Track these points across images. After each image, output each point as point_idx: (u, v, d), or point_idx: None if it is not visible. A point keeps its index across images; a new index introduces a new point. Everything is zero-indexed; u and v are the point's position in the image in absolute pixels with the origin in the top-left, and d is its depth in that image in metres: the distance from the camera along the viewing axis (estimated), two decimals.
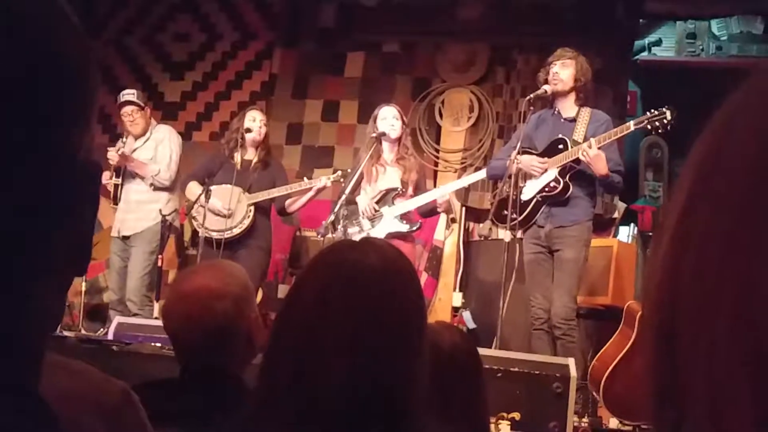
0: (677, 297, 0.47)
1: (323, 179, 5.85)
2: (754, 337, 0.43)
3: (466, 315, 6.59)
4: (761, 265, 0.43)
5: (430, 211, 5.72)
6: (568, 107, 5.04)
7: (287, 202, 6.01)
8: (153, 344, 4.30)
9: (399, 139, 5.61)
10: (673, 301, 0.48)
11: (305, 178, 6.06)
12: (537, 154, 4.99)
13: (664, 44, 8.70)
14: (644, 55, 8.59)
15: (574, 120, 4.99)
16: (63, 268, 0.68)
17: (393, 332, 1.41)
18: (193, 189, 6.06)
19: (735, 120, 0.48)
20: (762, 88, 0.48)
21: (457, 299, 6.90)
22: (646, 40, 8.60)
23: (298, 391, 1.37)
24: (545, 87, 5.00)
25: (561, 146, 4.90)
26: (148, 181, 6.30)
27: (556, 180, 4.88)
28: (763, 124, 0.46)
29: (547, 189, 4.90)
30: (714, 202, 0.47)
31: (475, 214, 7.11)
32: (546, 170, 4.92)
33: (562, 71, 4.98)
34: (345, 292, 1.41)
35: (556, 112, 5.08)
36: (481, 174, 5.78)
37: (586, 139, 4.80)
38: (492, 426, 3.67)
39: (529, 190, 4.97)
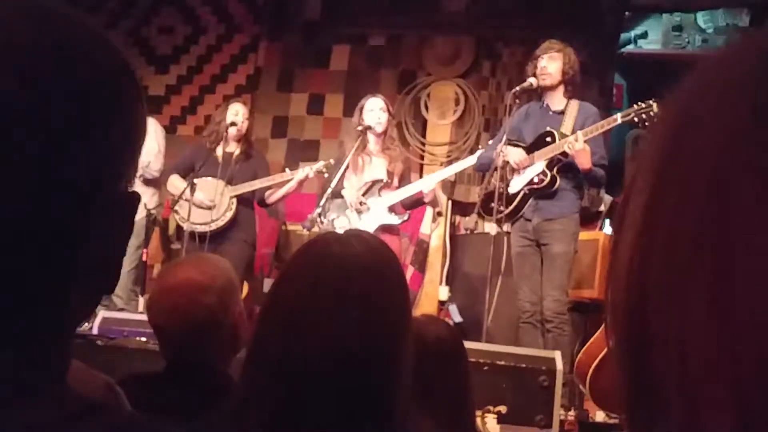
0: (646, 295, 0.46)
1: (305, 169, 5.83)
2: (732, 330, 0.42)
3: (452, 308, 6.58)
4: (735, 253, 0.42)
5: (414, 203, 5.70)
6: (556, 100, 5.03)
7: (267, 192, 5.98)
8: (138, 339, 4.28)
9: (384, 132, 5.60)
10: (641, 300, 0.46)
11: (287, 170, 6.04)
12: (525, 147, 4.98)
13: (650, 37, 8.70)
14: (630, 47, 8.58)
15: (562, 113, 4.98)
16: (93, 288, 0.73)
17: (378, 324, 1.40)
18: (175, 182, 6.04)
19: (695, 106, 0.47)
20: (724, 68, 0.47)
21: (444, 293, 6.90)
22: (632, 33, 8.59)
23: (282, 385, 1.36)
24: (531, 80, 4.99)
25: (549, 139, 4.89)
26: (138, 173, 6.26)
27: (543, 173, 4.87)
28: (724, 108, 0.45)
29: (534, 182, 4.90)
30: (680, 189, 0.45)
31: (461, 208, 7.10)
32: (526, 167, 4.92)
33: (550, 65, 4.96)
34: (330, 284, 1.40)
35: (544, 105, 5.07)
36: (471, 160, 5.73)
37: (574, 131, 4.79)
38: (478, 419, 3.66)
39: (517, 183, 4.97)
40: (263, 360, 1.42)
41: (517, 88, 5.03)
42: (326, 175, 5.69)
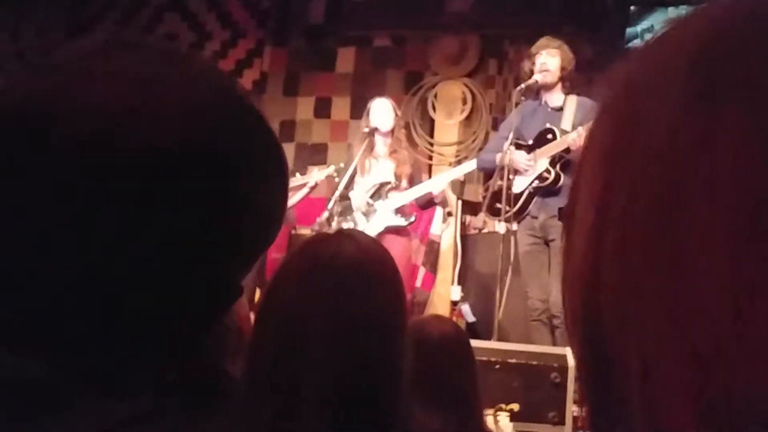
0: (600, 303, 0.44)
1: (315, 174, 5.83)
2: (689, 333, 0.40)
3: (465, 308, 6.55)
4: (690, 255, 0.40)
5: (428, 203, 5.71)
6: (555, 97, 5.04)
7: None
8: None
9: (391, 132, 5.60)
10: (596, 307, 0.45)
11: (297, 174, 6.04)
12: (526, 146, 4.98)
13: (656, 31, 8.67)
14: (637, 42, 8.55)
15: (561, 109, 4.99)
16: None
17: (370, 324, 1.39)
18: None
19: (643, 98, 0.45)
20: (661, 58, 0.46)
21: (456, 293, 6.87)
22: (639, 28, 8.56)
23: (280, 385, 1.36)
24: (536, 77, 4.99)
25: (549, 136, 4.90)
26: None
27: (547, 170, 4.88)
28: (666, 99, 0.43)
29: (538, 180, 4.90)
30: (629, 188, 0.43)
31: (471, 207, 7.08)
32: (534, 168, 4.92)
33: (549, 61, 4.97)
34: (321, 284, 1.40)
35: (543, 103, 5.08)
36: (473, 164, 5.76)
37: (574, 127, 4.81)
38: (491, 418, 3.65)
39: (521, 182, 4.97)
40: (260, 360, 1.42)
41: (523, 86, 5.03)
42: (336, 179, 5.69)
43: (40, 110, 0.65)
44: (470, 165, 6.05)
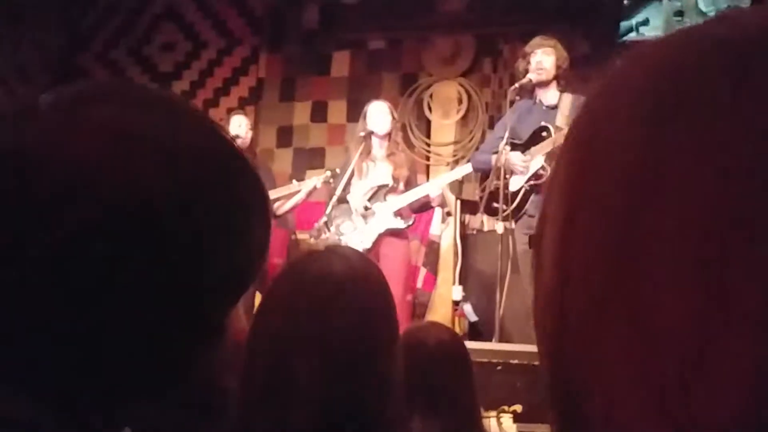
0: (566, 329, 0.44)
1: (312, 180, 5.83)
2: (654, 373, 0.39)
3: (467, 308, 6.54)
4: (652, 290, 0.39)
5: (422, 207, 5.69)
6: (549, 95, 5.03)
7: (276, 204, 5.97)
8: None
9: (389, 135, 5.59)
10: (562, 335, 0.44)
11: (294, 181, 6.04)
12: (521, 144, 4.97)
13: (652, 23, 8.63)
14: (632, 35, 8.52)
15: (556, 107, 4.98)
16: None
17: (359, 341, 1.39)
18: None
19: (603, 128, 0.45)
20: (636, 75, 0.46)
21: (457, 293, 6.86)
22: (633, 21, 8.54)
23: (272, 404, 1.37)
24: (530, 76, 4.98)
25: (545, 134, 4.89)
26: None
27: (543, 168, 4.87)
28: (625, 129, 0.43)
29: (534, 177, 4.89)
30: (591, 216, 0.43)
31: (470, 207, 7.06)
32: (529, 167, 4.91)
33: (545, 59, 4.96)
34: (309, 304, 1.40)
35: (537, 101, 5.07)
36: (470, 167, 5.76)
37: (569, 124, 4.79)
38: (494, 420, 3.66)
39: (517, 181, 4.96)
40: (253, 380, 1.43)
41: (517, 85, 5.02)
42: (332, 184, 5.69)
43: (22, 159, 0.66)
44: (467, 168, 6.04)
